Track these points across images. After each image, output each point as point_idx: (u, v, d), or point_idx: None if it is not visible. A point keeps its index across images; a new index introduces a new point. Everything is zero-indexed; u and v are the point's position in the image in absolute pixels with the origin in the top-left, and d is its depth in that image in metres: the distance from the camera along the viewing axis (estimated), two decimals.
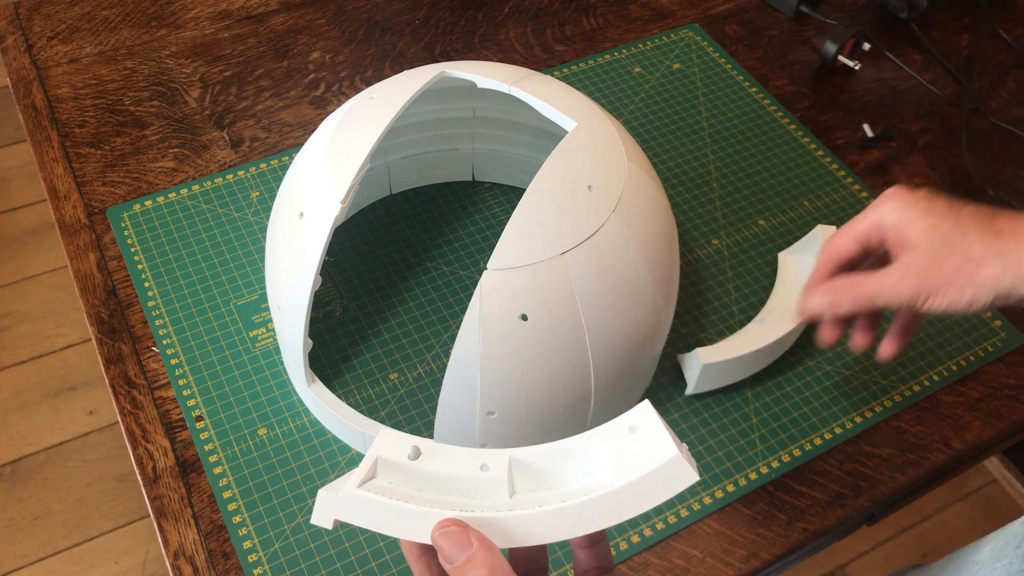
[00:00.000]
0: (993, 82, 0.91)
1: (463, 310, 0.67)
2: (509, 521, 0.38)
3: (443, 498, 0.39)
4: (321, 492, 0.39)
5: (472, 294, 0.52)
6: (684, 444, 0.39)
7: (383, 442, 0.39)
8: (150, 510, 0.59)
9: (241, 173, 0.77)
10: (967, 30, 0.96)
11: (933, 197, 0.51)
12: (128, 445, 0.61)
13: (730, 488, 0.61)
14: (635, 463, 0.38)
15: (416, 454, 0.39)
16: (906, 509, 1.40)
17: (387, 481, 0.39)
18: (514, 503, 0.38)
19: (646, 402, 0.40)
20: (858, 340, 0.58)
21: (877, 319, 0.58)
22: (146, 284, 0.69)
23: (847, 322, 0.57)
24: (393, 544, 0.57)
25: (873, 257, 0.56)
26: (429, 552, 0.40)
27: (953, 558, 0.70)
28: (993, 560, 0.63)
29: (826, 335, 0.57)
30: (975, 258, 0.48)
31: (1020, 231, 0.48)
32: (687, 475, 0.38)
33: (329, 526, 0.39)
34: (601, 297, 0.54)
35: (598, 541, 0.42)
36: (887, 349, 0.58)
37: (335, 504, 0.38)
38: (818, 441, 0.64)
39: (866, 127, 0.84)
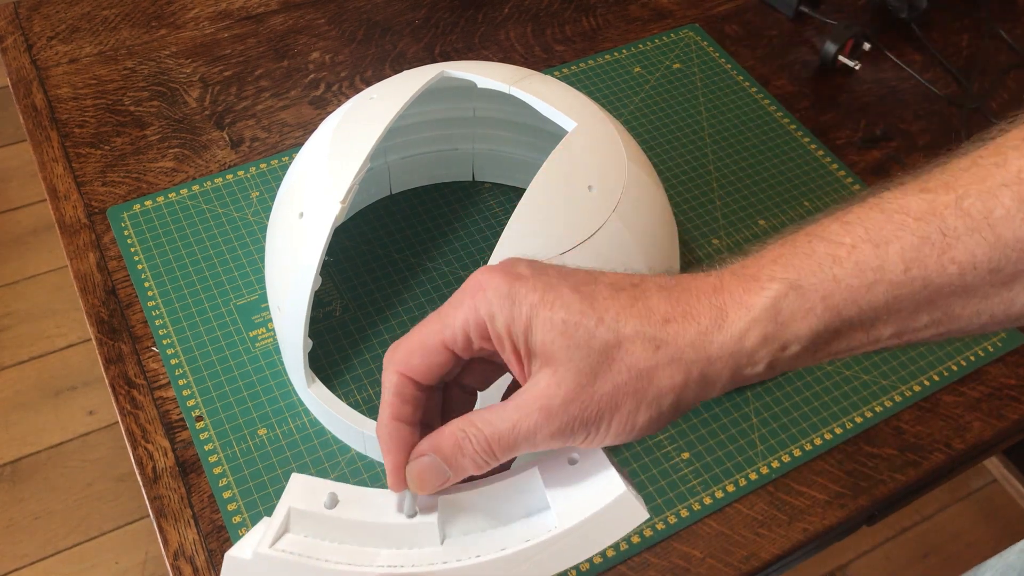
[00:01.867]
0: (993, 82, 0.91)
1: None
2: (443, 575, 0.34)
3: (367, 551, 0.34)
4: (228, 555, 0.34)
5: None
6: (627, 472, 0.35)
7: (295, 490, 0.35)
8: (150, 510, 0.59)
9: (241, 173, 0.77)
10: (967, 30, 0.96)
11: (540, 274, 0.36)
12: (128, 445, 0.61)
13: (730, 488, 0.61)
14: (579, 502, 0.34)
15: (333, 502, 0.35)
16: (906, 509, 1.40)
17: (302, 535, 0.34)
18: (447, 551, 0.34)
19: None
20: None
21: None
22: (146, 284, 0.69)
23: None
24: None
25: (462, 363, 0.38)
26: None
27: None
28: None
29: (399, 485, 0.37)
30: (642, 370, 0.34)
31: (693, 310, 0.34)
32: (636, 513, 0.34)
33: None
34: None
35: None
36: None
37: (243, 569, 0.34)
38: (818, 441, 0.64)
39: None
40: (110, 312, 0.68)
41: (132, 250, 0.71)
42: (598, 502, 0.34)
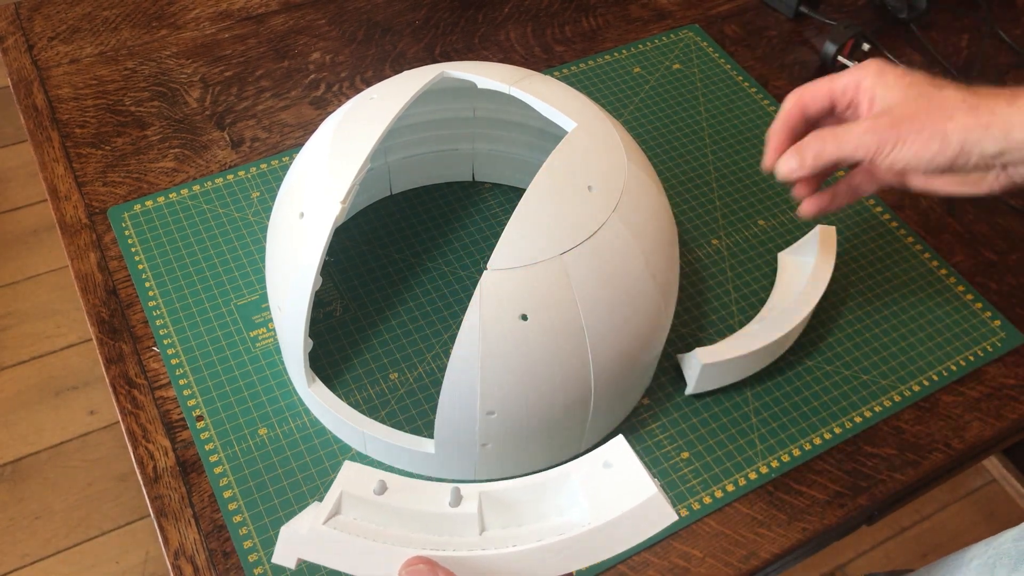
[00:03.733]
0: (993, 82, 0.91)
1: (463, 310, 0.67)
2: (480, 561, 0.36)
3: (410, 535, 0.37)
4: (284, 529, 0.37)
5: (472, 294, 0.52)
6: (658, 481, 0.38)
7: (348, 476, 0.38)
8: (150, 510, 0.59)
9: (242, 173, 0.77)
10: (967, 30, 0.96)
11: (913, 71, 0.52)
12: (128, 445, 0.61)
13: (730, 488, 0.61)
14: (611, 501, 0.37)
15: (382, 489, 0.38)
16: (906, 509, 1.40)
17: (352, 517, 0.37)
18: (485, 540, 0.37)
19: (620, 437, 0.39)
20: (808, 202, 0.59)
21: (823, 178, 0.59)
22: (147, 284, 0.69)
23: (821, 180, 0.58)
24: None
25: (837, 119, 0.56)
26: None
27: (937, 566, 0.70)
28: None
29: (803, 196, 0.58)
30: (947, 108, 0.48)
31: (997, 94, 0.49)
32: (666, 514, 0.36)
33: (292, 566, 0.37)
34: (601, 297, 0.54)
35: None
36: (811, 206, 0.58)
37: (298, 542, 0.36)
38: (818, 441, 0.64)
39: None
40: (111, 312, 0.68)
41: (133, 250, 0.71)
42: (629, 501, 0.36)
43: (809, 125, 0.56)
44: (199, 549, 0.57)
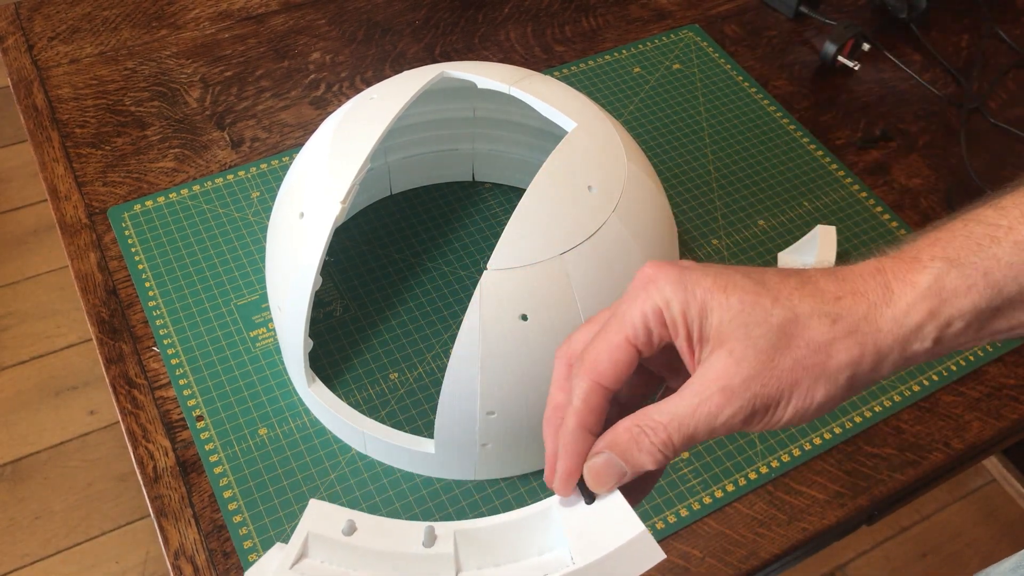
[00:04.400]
0: (992, 82, 0.91)
1: (463, 310, 0.67)
2: None
3: None
4: (248, 574, 0.35)
5: (472, 294, 0.52)
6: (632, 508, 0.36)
7: (314, 516, 0.36)
8: (150, 510, 0.59)
9: (242, 173, 0.77)
10: (967, 30, 0.96)
11: (707, 266, 0.36)
12: (129, 445, 0.61)
13: (730, 488, 0.61)
14: (596, 539, 0.35)
15: (351, 529, 0.36)
16: (906, 509, 1.40)
17: (319, 560, 0.35)
18: None
19: None
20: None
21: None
22: (147, 284, 0.69)
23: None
24: None
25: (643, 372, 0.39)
26: None
27: None
28: None
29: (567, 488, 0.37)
30: (821, 344, 0.34)
31: (860, 288, 0.35)
32: (653, 553, 0.34)
33: None
34: (601, 297, 0.54)
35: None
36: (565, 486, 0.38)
37: None
38: (818, 441, 0.64)
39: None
40: (111, 312, 0.68)
41: (133, 250, 0.71)
42: (615, 540, 0.34)
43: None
44: (199, 549, 0.57)
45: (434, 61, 0.88)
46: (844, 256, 0.74)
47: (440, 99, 0.71)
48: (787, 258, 0.72)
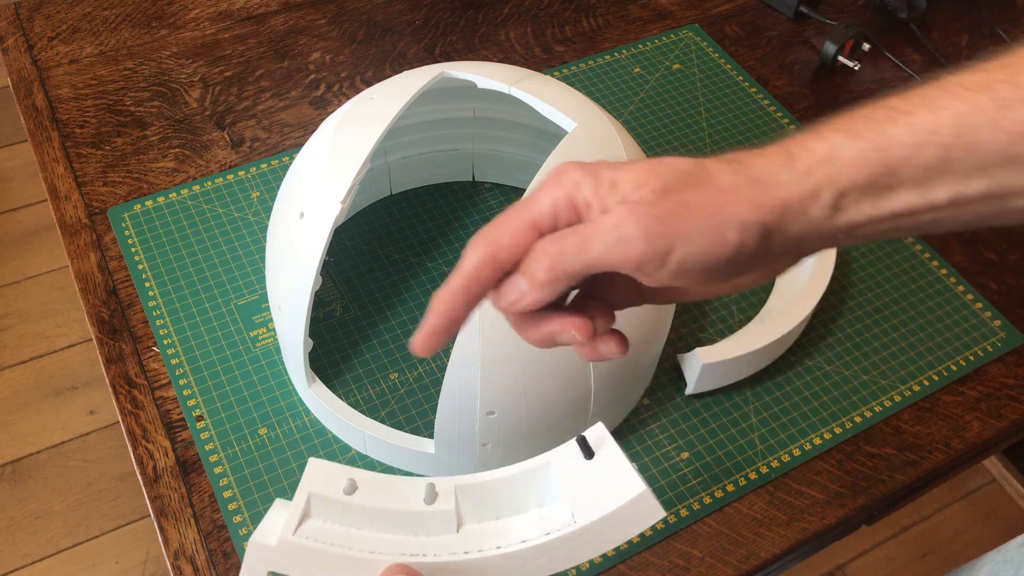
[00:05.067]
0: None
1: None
2: (462, 565, 0.34)
3: (385, 536, 0.35)
4: (252, 541, 0.35)
5: None
6: (635, 464, 0.36)
7: (314, 475, 0.35)
8: (150, 510, 0.59)
9: (241, 173, 0.77)
10: (967, 30, 0.96)
11: (635, 162, 0.37)
12: (128, 445, 0.61)
13: (730, 488, 0.61)
14: (597, 497, 0.35)
15: (352, 488, 0.35)
16: (906, 509, 1.40)
17: (322, 520, 0.35)
18: (463, 539, 0.35)
19: (599, 424, 0.37)
20: (590, 350, 0.39)
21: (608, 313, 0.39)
22: (147, 284, 0.69)
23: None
24: None
25: None
26: None
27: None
28: None
29: (429, 341, 0.39)
30: (726, 187, 0.35)
31: (761, 153, 0.36)
32: (654, 511, 0.35)
33: None
34: None
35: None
36: (588, 351, 0.39)
37: (269, 555, 0.34)
38: (818, 441, 0.64)
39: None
40: (111, 312, 0.68)
41: (133, 250, 0.71)
42: (617, 499, 0.34)
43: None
44: (199, 549, 0.57)
45: (434, 61, 0.88)
46: (844, 256, 0.74)
47: (440, 99, 0.71)
48: None
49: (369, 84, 0.85)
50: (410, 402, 0.64)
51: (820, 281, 0.68)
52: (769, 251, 0.36)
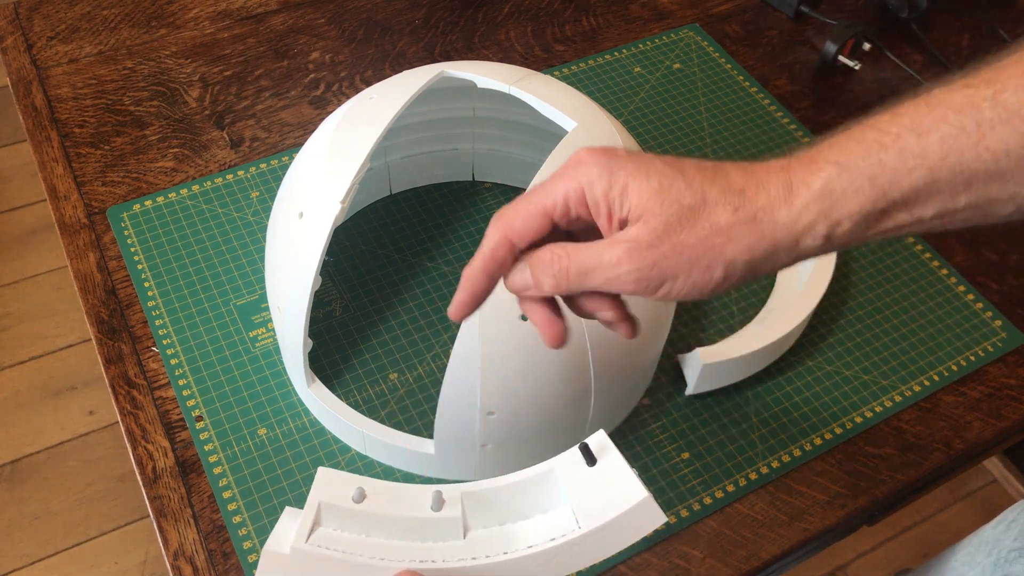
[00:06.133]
0: None
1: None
2: (470, 571, 0.36)
3: (393, 542, 0.36)
4: (265, 550, 0.36)
5: None
6: (635, 469, 0.37)
7: (324, 484, 0.37)
8: (150, 510, 0.59)
9: (241, 173, 0.77)
10: (967, 30, 0.96)
11: (633, 153, 0.40)
12: (128, 445, 0.61)
13: (730, 488, 0.61)
14: (600, 503, 0.36)
15: (361, 496, 0.37)
16: (906, 509, 1.40)
17: (332, 528, 0.37)
18: (470, 545, 0.36)
19: (601, 432, 0.38)
20: (553, 334, 0.43)
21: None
22: (146, 284, 0.69)
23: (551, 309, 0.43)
24: None
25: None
26: None
27: (931, 565, 0.70)
28: (966, 567, 0.63)
29: (547, 329, 0.42)
30: (722, 227, 0.38)
31: (764, 182, 0.38)
32: (656, 516, 0.36)
33: None
34: None
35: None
36: (554, 336, 0.43)
37: (281, 564, 0.36)
38: (818, 441, 0.64)
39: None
40: (110, 312, 0.67)
41: (132, 250, 0.71)
42: (621, 505, 0.36)
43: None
44: (198, 549, 0.57)
45: (434, 61, 0.88)
46: (844, 256, 0.74)
47: (440, 99, 0.71)
48: None
49: (369, 84, 0.84)
50: (410, 402, 0.64)
51: (820, 281, 0.68)
52: (756, 276, 0.39)
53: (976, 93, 0.36)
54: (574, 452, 0.38)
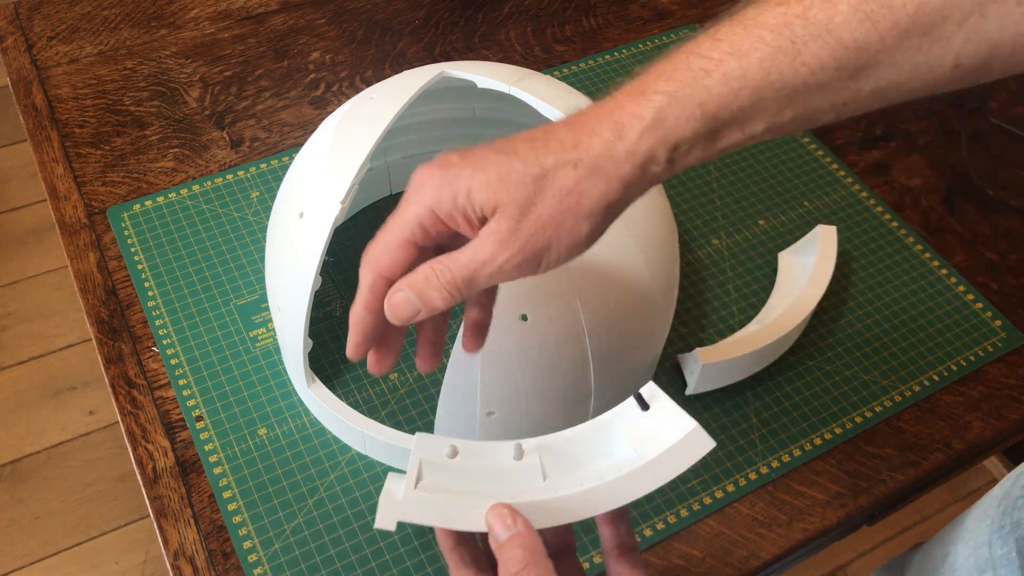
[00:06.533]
0: (993, 82, 0.91)
1: (463, 310, 0.67)
2: (551, 503, 0.41)
3: (485, 488, 0.42)
4: (382, 498, 0.42)
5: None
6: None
7: (422, 446, 0.42)
8: (150, 510, 0.59)
9: (241, 173, 0.77)
10: None
11: (466, 153, 0.41)
12: (128, 445, 0.61)
13: (730, 488, 0.61)
14: (655, 438, 0.41)
15: (454, 453, 0.42)
16: (906, 509, 1.40)
17: (434, 479, 0.42)
18: (549, 485, 0.42)
19: (651, 383, 0.43)
20: (426, 362, 0.48)
21: (443, 329, 0.48)
22: (146, 284, 0.69)
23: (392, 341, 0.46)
24: (393, 543, 0.57)
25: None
26: (463, 544, 0.42)
27: (946, 531, 0.71)
28: (977, 522, 0.63)
29: (376, 362, 0.47)
30: (570, 187, 0.39)
31: (596, 129, 0.39)
32: (705, 443, 0.41)
33: (392, 528, 0.41)
34: (601, 297, 0.54)
35: (621, 519, 0.44)
36: (426, 364, 0.48)
37: (396, 507, 0.41)
38: (818, 441, 0.64)
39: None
40: (110, 312, 0.68)
41: (132, 250, 0.71)
42: (673, 436, 0.41)
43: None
44: (199, 549, 0.57)
45: (434, 61, 0.88)
46: (844, 256, 0.74)
47: (440, 99, 0.71)
48: (787, 258, 0.72)
49: (369, 84, 0.85)
50: (410, 402, 0.64)
51: (820, 281, 0.68)
52: (622, 209, 0.41)
53: (788, 11, 0.38)
54: (630, 402, 0.42)
